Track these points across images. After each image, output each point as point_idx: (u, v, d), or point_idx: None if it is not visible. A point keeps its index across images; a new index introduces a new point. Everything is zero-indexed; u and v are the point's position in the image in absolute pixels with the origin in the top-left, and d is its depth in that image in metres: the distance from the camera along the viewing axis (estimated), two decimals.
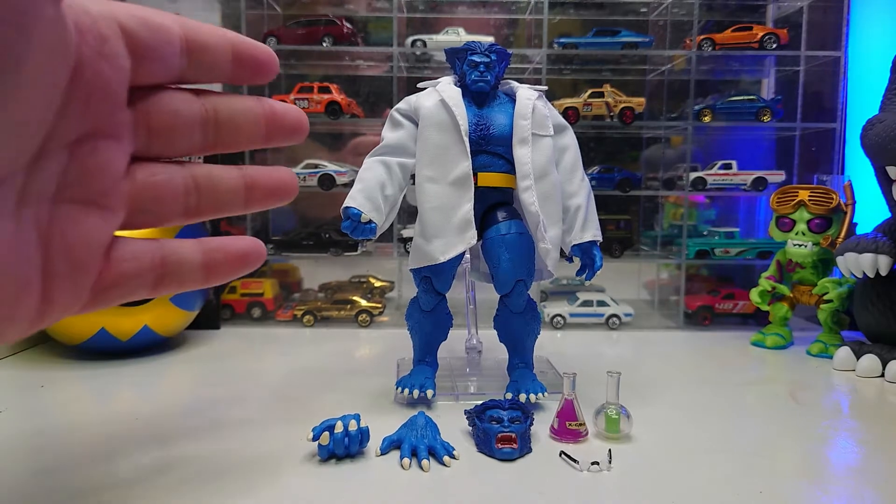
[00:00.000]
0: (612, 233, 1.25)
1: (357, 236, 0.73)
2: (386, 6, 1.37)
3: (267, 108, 0.53)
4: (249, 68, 0.51)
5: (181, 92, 0.50)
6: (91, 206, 0.44)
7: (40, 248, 0.42)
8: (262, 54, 0.52)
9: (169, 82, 0.49)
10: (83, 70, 0.41)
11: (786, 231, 1.11)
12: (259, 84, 0.55)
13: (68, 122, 0.42)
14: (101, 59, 0.42)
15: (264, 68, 0.52)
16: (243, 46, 0.51)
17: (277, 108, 0.54)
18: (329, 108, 1.22)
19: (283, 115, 0.54)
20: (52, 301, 0.43)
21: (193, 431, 0.68)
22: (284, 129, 0.54)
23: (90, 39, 0.41)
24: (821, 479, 0.60)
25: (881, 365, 0.92)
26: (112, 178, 0.45)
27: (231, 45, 0.50)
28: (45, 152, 0.41)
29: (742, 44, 1.23)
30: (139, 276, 0.48)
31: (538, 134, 0.77)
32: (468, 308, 0.90)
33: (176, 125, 0.49)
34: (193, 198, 0.50)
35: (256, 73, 0.52)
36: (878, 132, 0.91)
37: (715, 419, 0.74)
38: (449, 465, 0.60)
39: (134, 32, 0.44)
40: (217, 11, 1.36)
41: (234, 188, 0.53)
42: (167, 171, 0.49)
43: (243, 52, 0.51)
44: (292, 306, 1.23)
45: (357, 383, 0.85)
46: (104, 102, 0.43)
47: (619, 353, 1.08)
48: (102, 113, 0.44)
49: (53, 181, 0.42)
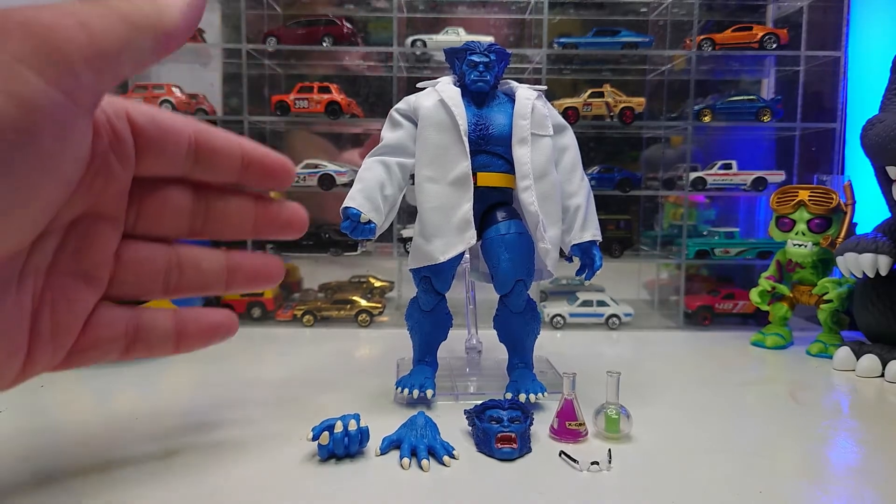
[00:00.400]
0: (612, 233, 1.25)
1: (356, 236, 0.73)
2: (386, 6, 1.37)
3: (260, 206, 0.56)
4: (260, 175, 0.54)
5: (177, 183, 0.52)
6: (81, 278, 0.48)
7: (32, 315, 0.45)
8: (273, 162, 0.55)
9: (173, 177, 0.52)
10: (93, 161, 0.45)
11: (786, 231, 1.11)
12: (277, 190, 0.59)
13: (72, 205, 0.45)
14: (110, 154, 0.46)
15: (277, 176, 0.55)
16: (254, 155, 0.54)
17: (272, 205, 0.56)
18: (329, 108, 1.22)
19: (277, 212, 0.57)
20: (34, 362, 0.46)
21: (193, 431, 0.68)
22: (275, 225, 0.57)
23: (104, 136, 0.45)
24: (821, 479, 0.60)
25: (881, 365, 0.92)
26: (104, 255, 0.49)
27: (242, 152, 0.53)
28: (49, 231, 0.45)
29: (742, 44, 1.23)
30: (113, 341, 0.50)
31: (537, 134, 0.77)
32: (468, 308, 0.90)
33: (165, 212, 0.52)
34: (175, 276, 0.53)
35: (267, 179, 0.55)
36: (878, 132, 0.91)
37: (715, 419, 0.74)
38: (448, 464, 0.60)
39: (145, 132, 0.48)
40: (217, 11, 1.36)
41: (216, 270, 0.55)
42: (151, 251, 0.52)
43: (254, 161, 0.54)
44: (292, 306, 1.23)
45: (357, 383, 0.85)
46: (107, 190, 0.47)
47: (619, 353, 1.08)
48: (104, 198, 0.47)
49: (51, 254, 0.46)
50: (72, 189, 0.43)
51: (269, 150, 0.55)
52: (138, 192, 0.50)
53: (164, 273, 0.52)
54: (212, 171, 0.53)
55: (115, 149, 0.46)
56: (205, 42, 1.29)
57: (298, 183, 1.22)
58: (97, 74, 0.41)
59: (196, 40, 1.26)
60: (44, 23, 0.38)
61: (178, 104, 1.23)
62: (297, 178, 1.22)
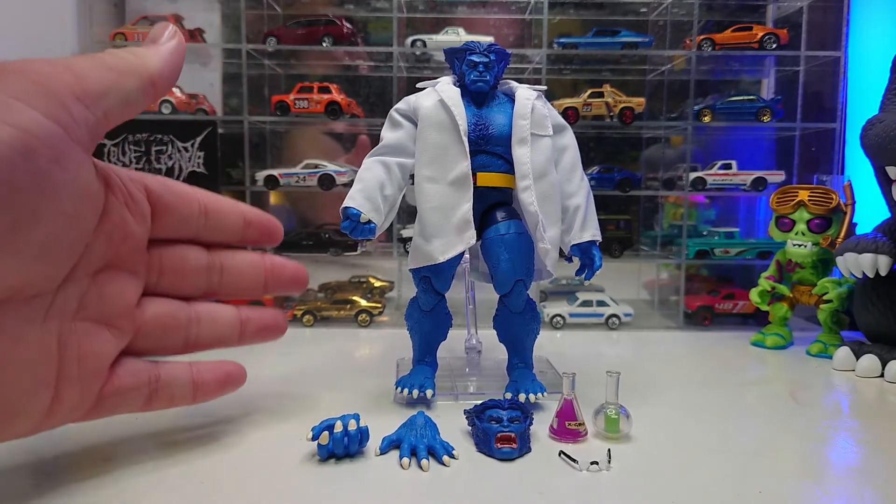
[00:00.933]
0: (612, 233, 1.25)
1: (356, 236, 0.73)
2: (386, 6, 1.37)
3: (268, 264, 0.64)
4: (258, 232, 0.64)
5: (193, 246, 0.60)
6: (104, 325, 0.53)
7: (58, 353, 0.50)
8: (268, 223, 0.64)
9: (187, 238, 0.60)
10: (111, 216, 0.51)
11: (785, 231, 1.10)
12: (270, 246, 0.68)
13: (94, 256, 0.51)
14: (126, 210, 0.53)
15: (271, 234, 0.65)
16: (252, 216, 0.63)
17: (277, 262, 0.65)
18: (329, 108, 1.22)
19: (282, 268, 0.65)
20: (61, 400, 0.50)
21: (193, 431, 0.68)
22: (283, 282, 0.65)
23: (118, 194, 0.52)
24: (821, 479, 0.60)
25: (881, 365, 0.92)
26: (124, 305, 0.55)
27: (242, 213, 0.63)
28: (73, 278, 0.50)
29: (742, 44, 1.23)
30: (136, 389, 0.56)
31: (537, 134, 0.77)
32: (468, 308, 0.90)
33: (185, 270, 0.59)
34: (195, 331, 0.60)
35: (264, 237, 0.64)
36: (878, 132, 0.91)
37: (715, 419, 0.74)
38: (448, 464, 0.60)
39: (159, 195, 0.56)
40: (217, 11, 1.37)
41: (231, 324, 0.63)
42: (172, 307, 0.59)
43: (252, 220, 0.63)
44: (292, 306, 1.23)
45: (357, 383, 0.85)
46: (125, 244, 0.54)
47: (619, 353, 1.08)
48: (124, 252, 0.54)
49: (76, 301, 0.51)
50: (87, 237, 0.49)
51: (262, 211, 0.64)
52: (159, 251, 0.58)
53: (185, 328, 0.59)
54: (220, 230, 0.61)
55: (129, 207, 0.53)
56: (205, 42, 1.29)
57: (298, 183, 1.22)
58: (86, 109, 0.46)
59: (196, 40, 1.26)
60: (36, 69, 0.45)
61: (178, 104, 1.23)
62: (297, 178, 1.23)
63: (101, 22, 1.26)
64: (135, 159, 1.16)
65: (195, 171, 1.16)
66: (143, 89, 0.51)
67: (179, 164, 1.16)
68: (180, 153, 1.16)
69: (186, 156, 1.16)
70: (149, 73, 0.52)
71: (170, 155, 1.16)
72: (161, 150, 1.16)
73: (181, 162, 1.16)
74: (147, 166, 1.15)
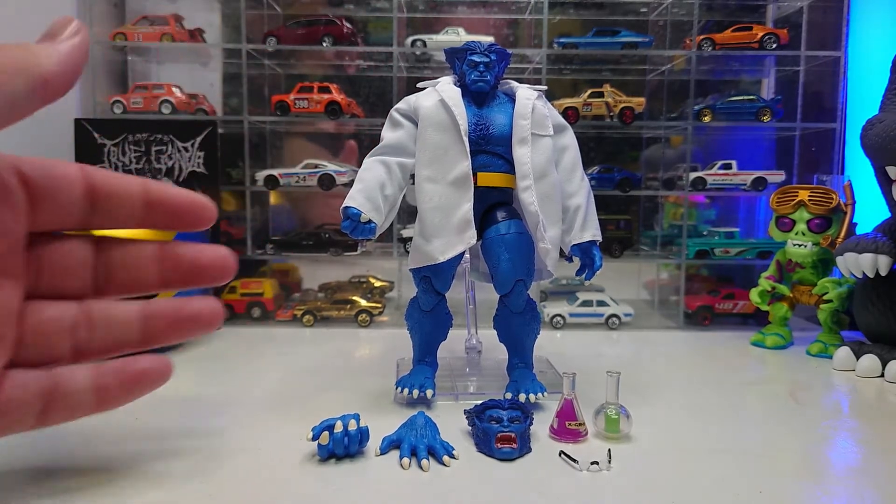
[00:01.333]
0: (612, 233, 1.25)
1: (356, 236, 0.73)
2: (386, 6, 1.37)
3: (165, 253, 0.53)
4: (167, 217, 0.52)
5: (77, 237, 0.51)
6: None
7: None
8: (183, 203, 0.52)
9: (71, 228, 0.50)
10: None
11: (786, 231, 1.10)
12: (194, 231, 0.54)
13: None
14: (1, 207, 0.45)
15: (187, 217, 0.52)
16: (159, 195, 0.52)
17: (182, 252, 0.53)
18: (329, 108, 1.22)
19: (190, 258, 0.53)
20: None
21: (193, 431, 0.68)
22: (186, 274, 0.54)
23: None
24: (821, 479, 0.60)
25: (881, 365, 0.92)
26: (5, 316, 0.47)
27: (144, 192, 0.51)
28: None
29: (742, 44, 1.23)
30: (26, 404, 0.48)
31: (538, 134, 0.77)
32: (468, 308, 0.90)
33: (67, 268, 0.50)
34: (84, 335, 0.51)
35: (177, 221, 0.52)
36: (878, 132, 0.91)
37: (715, 419, 0.74)
38: (448, 464, 0.60)
39: (34, 182, 0.47)
40: (217, 11, 1.36)
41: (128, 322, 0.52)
42: (56, 310, 0.50)
43: (158, 202, 0.51)
44: (292, 306, 1.22)
45: (357, 383, 0.85)
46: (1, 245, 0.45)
47: (619, 353, 1.08)
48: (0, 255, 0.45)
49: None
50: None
51: (181, 189, 0.53)
52: (37, 249, 0.49)
53: (71, 333, 0.50)
54: (111, 217, 0.51)
55: (4, 201, 0.45)
56: (205, 42, 1.29)
57: (298, 183, 1.22)
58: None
59: (196, 40, 1.26)
60: None
61: (178, 104, 1.23)
62: (297, 178, 1.23)
63: (101, 22, 1.26)
64: (135, 159, 1.16)
65: (195, 171, 1.16)
66: (31, 92, 0.44)
67: (179, 164, 1.16)
68: (180, 153, 1.16)
69: (186, 156, 1.16)
70: (39, 74, 0.44)
71: (170, 155, 1.16)
72: (161, 150, 1.16)
73: (181, 162, 1.16)
74: (147, 166, 1.15)
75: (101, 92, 1.25)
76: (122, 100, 1.22)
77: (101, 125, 1.17)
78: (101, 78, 1.26)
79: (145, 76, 1.38)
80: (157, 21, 1.24)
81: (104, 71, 1.28)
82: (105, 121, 1.19)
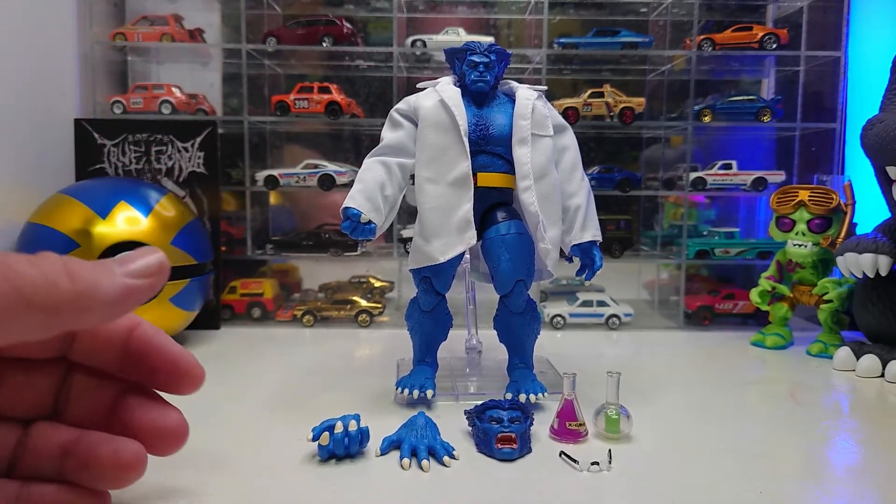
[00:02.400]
0: (612, 233, 1.25)
1: (356, 237, 0.73)
2: (386, 6, 1.37)
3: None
4: (144, 370, 0.51)
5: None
6: None
7: None
8: (168, 360, 0.51)
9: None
10: None
11: (786, 231, 1.10)
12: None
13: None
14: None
15: (169, 378, 0.51)
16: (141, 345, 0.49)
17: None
18: (329, 108, 1.22)
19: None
20: None
21: (192, 431, 0.68)
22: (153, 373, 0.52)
23: None
24: (821, 479, 0.60)
25: (881, 365, 0.92)
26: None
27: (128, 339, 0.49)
28: None
29: (742, 44, 1.23)
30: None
31: (538, 134, 0.77)
32: (468, 308, 0.89)
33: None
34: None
35: (155, 378, 0.51)
36: (878, 132, 0.91)
37: (715, 419, 0.74)
38: (449, 465, 0.60)
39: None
40: (217, 11, 1.36)
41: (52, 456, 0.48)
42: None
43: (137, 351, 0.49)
44: (292, 306, 1.22)
45: (357, 383, 0.85)
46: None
47: (619, 353, 1.08)
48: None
49: None
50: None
51: (174, 345, 0.51)
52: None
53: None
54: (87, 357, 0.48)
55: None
56: (205, 42, 1.29)
57: (298, 183, 1.22)
58: None
59: (196, 40, 1.26)
60: None
61: (178, 104, 1.23)
62: (297, 178, 1.23)
63: (101, 22, 1.26)
64: (135, 159, 1.16)
65: (195, 171, 1.16)
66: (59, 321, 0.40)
67: (179, 164, 1.16)
68: (180, 153, 1.16)
69: (186, 156, 1.16)
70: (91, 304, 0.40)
71: (170, 155, 1.16)
72: (161, 151, 1.16)
73: (181, 162, 1.16)
74: (147, 166, 1.15)
75: (101, 92, 1.25)
76: (121, 100, 1.22)
77: (101, 125, 1.17)
78: (101, 78, 1.26)
79: (145, 76, 1.38)
80: (156, 21, 1.24)
81: (104, 71, 1.28)
82: (105, 121, 1.19)
